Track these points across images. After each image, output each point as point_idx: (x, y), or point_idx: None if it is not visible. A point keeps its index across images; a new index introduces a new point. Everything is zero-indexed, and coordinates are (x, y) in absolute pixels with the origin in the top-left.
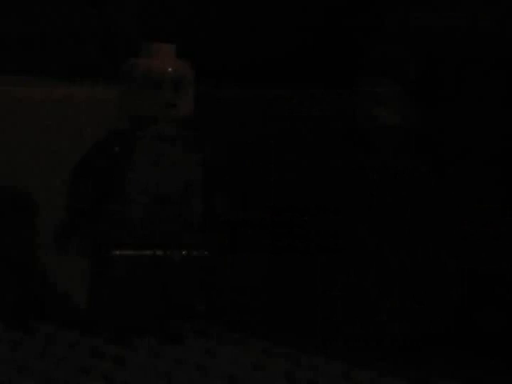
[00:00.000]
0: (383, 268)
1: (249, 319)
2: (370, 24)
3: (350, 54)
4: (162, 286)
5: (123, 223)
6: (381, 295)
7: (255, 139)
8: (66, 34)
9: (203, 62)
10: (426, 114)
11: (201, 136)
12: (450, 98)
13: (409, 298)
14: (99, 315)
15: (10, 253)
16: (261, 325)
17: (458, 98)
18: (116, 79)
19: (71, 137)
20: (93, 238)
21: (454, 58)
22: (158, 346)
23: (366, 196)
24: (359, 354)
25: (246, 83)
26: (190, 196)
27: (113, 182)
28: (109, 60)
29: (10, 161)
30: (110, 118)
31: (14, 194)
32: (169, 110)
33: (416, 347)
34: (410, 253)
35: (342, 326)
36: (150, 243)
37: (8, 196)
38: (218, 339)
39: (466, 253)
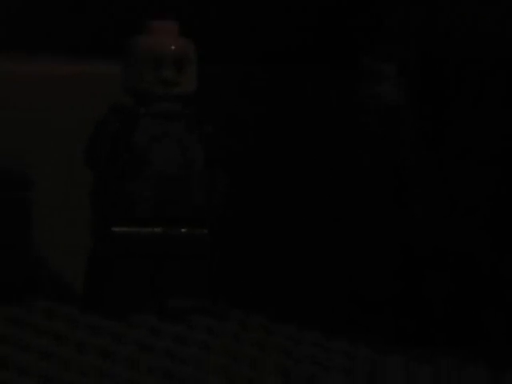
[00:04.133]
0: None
1: (250, 296)
2: (370, 24)
3: (350, 54)
4: (161, 265)
5: (123, 200)
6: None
7: (256, 117)
8: (70, 9)
9: (207, 41)
10: (425, 113)
11: (204, 114)
12: (449, 97)
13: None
14: (99, 293)
15: (7, 231)
16: (262, 302)
17: (457, 98)
18: (119, 56)
19: (72, 113)
20: (94, 214)
21: (454, 58)
22: (157, 323)
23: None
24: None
25: (251, 62)
26: (192, 174)
27: (114, 160)
28: (112, 37)
29: (13, 138)
30: (113, 95)
31: (11, 172)
32: (171, 87)
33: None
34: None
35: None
36: (150, 221)
37: (5, 174)
38: (219, 317)
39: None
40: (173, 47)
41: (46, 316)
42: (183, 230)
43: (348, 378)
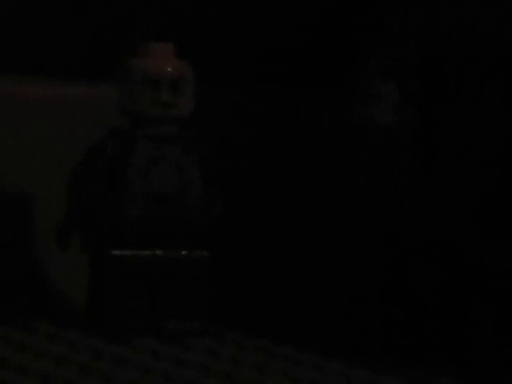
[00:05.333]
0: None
1: (249, 319)
2: (370, 24)
3: (350, 54)
4: (160, 287)
5: (122, 223)
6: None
7: (252, 139)
8: (64, 32)
9: (202, 63)
10: (425, 114)
11: (199, 136)
12: (449, 97)
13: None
14: (99, 315)
15: (9, 253)
16: (261, 324)
17: (457, 98)
18: (115, 78)
19: (70, 136)
20: (92, 237)
21: (454, 58)
22: (158, 345)
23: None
24: (357, 353)
25: (245, 83)
26: (190, 196)
27: (112, 182)
28: (108, 59)
29: (8, 159)
30: (109, 118)
31: (11, 193)
32: (167, 109)
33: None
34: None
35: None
36: (149, 243)
37: (5, 195)
38: (219, 339)
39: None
40: (169, 69)
41: (46, 339)
42: (184, 252)
43: None
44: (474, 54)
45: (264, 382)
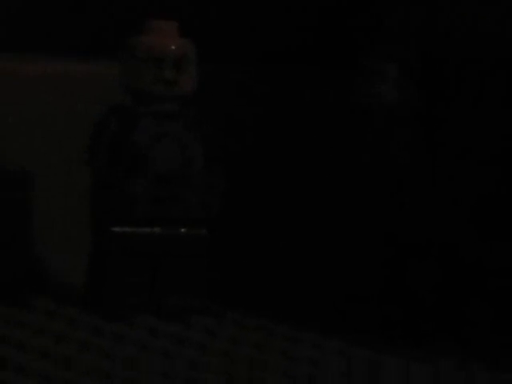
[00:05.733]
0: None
1: (248, 298)
2: (370, 24)
3: (350, 54)
4: (160, 264)
5: (124, 200)
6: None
7: (256, 117)
8: (67, 9)
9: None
10: (425, 114)
11: (202, 114)
12: (449, 97)
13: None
14: (99, 292)
15: (7, 230)
16: (260, 303)
17: (457, 98)
18: (116, 55)
19: (71, 113)
20: (94, 214)
21: (454, 58)
22: (158, 323)
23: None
24: (357, 332)
25: (249, 61)
26: (191, 173)
27: (114, 159)
28: (112, 36)
29: (8, 137)
30: (111, 95)
31: (11, 171)
32: (170, 87)
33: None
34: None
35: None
36: (150, 220)
37: (4, 173)
38: (218, 318)
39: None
40: (172, 47)
41: (46, 316)
42: (183, 230)
43: (346, 379)
44: (473, 53)
45: (263, 361)
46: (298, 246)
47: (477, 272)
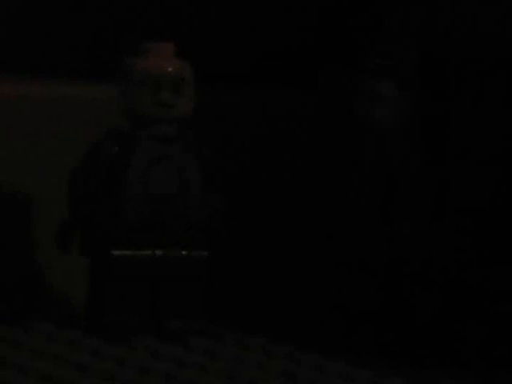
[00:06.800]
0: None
1: (249, 318)
2: (370, 24)
3: (350, 54)
4: (159, 286)
5: (123, 223)
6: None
7: (252, 139)
8: (64, 32)
9: (203, 63)
10: (425, 114)
11: (200, 136)
12: (449, 97)
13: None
14: (98, 315)
15: (9, 253)
16: (261, 324)
17: (457, 98)
18: (115, 78)
19: (69, 136)
20: (93, 237)
21: (454, 58)
22: (158, 345)
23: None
24: (359, 353)
25: (245, 83)
26: (189, 196)
27: (112, 182)
28: (108, 59)
29: (9, 158)
30: (109, 118)
31: (13, 192)
32: (168, 110)
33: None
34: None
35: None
36: (149, 243)
37: (7, 195)
38: (218, 338)
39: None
40: (170, 69)
41: (46, 339)
42: (184, 252)
43: None
44: (474, 53)
45: (264, 382)
46: (298, 266)
47: (477, 295)
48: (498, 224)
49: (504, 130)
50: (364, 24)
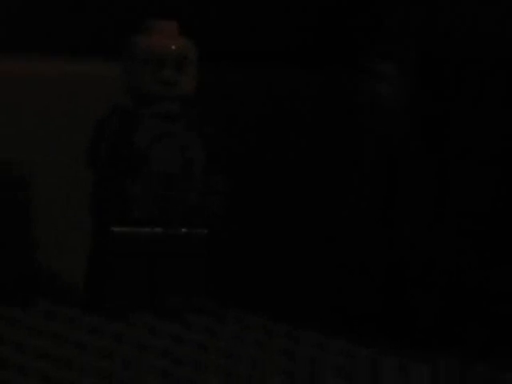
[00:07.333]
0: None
1: (249, 297)
2: (370, 24)
3: (350, 54)
4: (159, 263)
5: (124, 200)
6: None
7: (257, 119)
8: (69, 9)
9: (206, 42)
10: (425, 114)
11: (203, 114)
12: (450, 97)
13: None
14: (98, 291)
15: (8, 230)
16: (261, 302)
17: (457, 98)
18: (119, 56)
19: (78, 113)
20: (94, 214)
21: (454, 58)
22: (157, 322)
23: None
24: (358, 330)
25: (249, 62)
26: (192, 174)
27: (115, 160)
28: (112, 37)
29: (10, 137)
30: (113, 95)
31: (14, 169)
32: (170, 88)
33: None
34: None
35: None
36: (150, 220)
37: (7, 172)
38: (218, 316)
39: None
40: (173, 47)
41: (45, 317)
42: (183, 230)
43: (348, 378)
44: (474, 53)
45: (264, 360)
46: (299, 245)
47: (478, 297)
48: (499, 225)
49: (504, 129)
50: (364, 24)
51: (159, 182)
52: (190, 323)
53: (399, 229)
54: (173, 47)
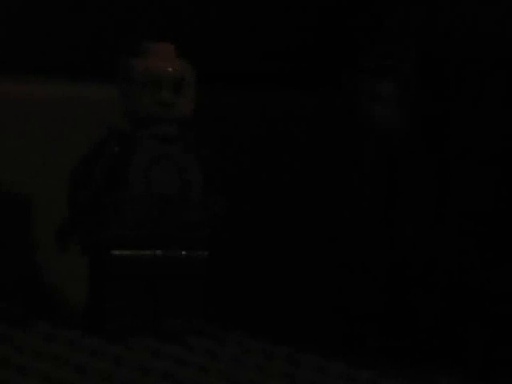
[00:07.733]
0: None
1: (249, 319)
2: (370, 24)
3: (350, 54)
4: (158, 286)
5: (123, 223)
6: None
7: (252, 140)
8: (64, 32)
9: (202, 64)
10: (424, 114)
11: (200, 136)
12: (449, 97)
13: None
14: (98, 314)
15: (9, 253)
16: (261, 325)
17: (457, 98)
18: (116, 79)
19: (71, 136)
20: (93, 237)
21: (454, 58)
22: (157, 345)
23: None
24: (359, 354)
25: (244, 84)
26: (190, 196)
27: (113, 182)
28: (108, 59)
29: (10, 159)
30: (111, 118)
31: (13, 192)
32: (168, 110)
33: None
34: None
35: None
36: (149, 243)
37: (7, 194)
38: (218, 339)
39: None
40: (170, 69)
41: (45, 339)
42: (183, 252)
43: None
44: (474, 53)
45: (265, 383)
46: (299, 267)
47: (480, 297)
48: (500, 225)
49: (504, 129)
50: (364, 24)
51: (157, 205)
52: (190, 345)
53: (400, 229)
54: (169, 69)
